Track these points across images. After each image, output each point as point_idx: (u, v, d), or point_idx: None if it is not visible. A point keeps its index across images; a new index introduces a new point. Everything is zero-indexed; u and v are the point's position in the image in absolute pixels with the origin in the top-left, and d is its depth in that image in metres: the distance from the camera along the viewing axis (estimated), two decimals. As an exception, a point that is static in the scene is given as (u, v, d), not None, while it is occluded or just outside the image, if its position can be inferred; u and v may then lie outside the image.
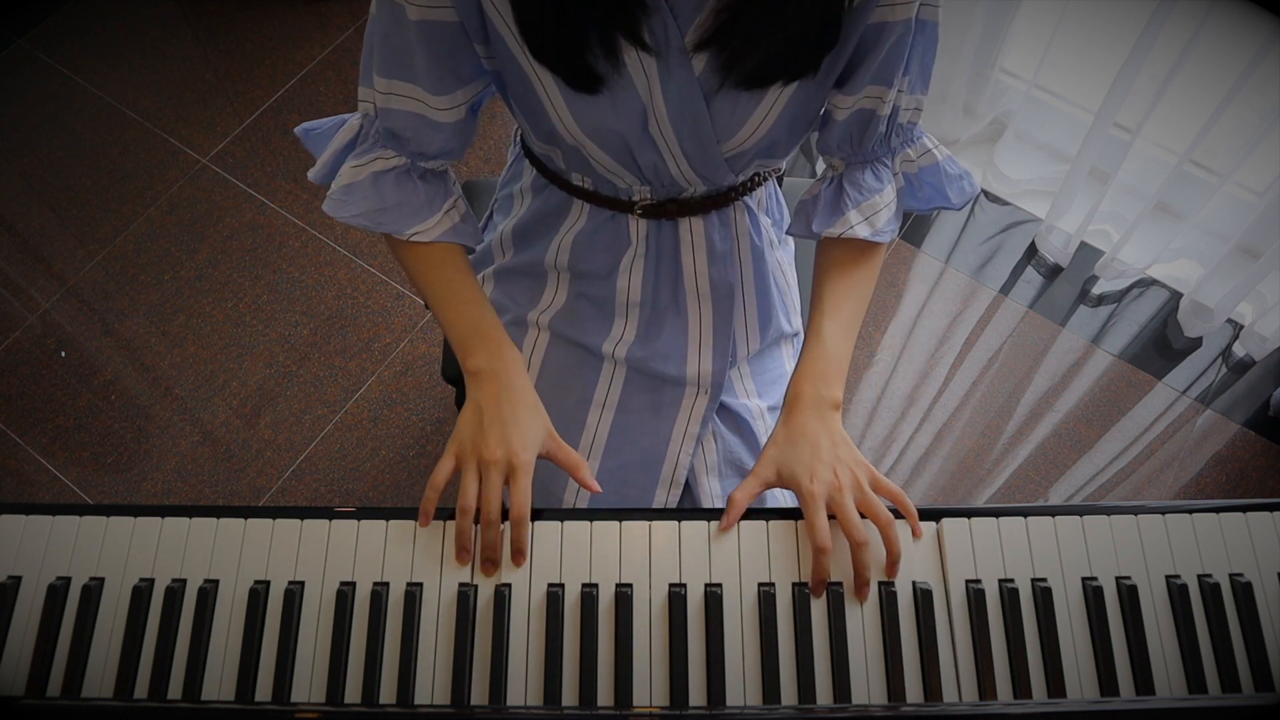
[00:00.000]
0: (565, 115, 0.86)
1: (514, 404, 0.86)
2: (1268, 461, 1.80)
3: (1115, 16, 2.12)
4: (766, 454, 0.88)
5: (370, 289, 1.98)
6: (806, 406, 0.89)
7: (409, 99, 0.87)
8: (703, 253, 1.04)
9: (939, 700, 0.77)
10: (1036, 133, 2.06)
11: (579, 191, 1.02)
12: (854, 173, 0.95)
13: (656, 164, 0.92)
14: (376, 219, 0.92)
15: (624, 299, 1.06)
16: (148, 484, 1.79)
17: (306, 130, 1.01)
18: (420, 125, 0.88)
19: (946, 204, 0.98)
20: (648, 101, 0.84)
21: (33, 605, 0.80)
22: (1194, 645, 0.78)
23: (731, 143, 0.90)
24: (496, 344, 0.91)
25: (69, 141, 2.17)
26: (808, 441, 0.87)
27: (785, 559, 0.82)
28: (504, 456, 0.83)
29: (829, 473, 0.84)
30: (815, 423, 0.88)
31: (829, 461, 0.85)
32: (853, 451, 0.87)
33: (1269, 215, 1.71)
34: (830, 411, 0.89)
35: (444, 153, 0.92)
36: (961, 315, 1.95)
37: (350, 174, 0.92)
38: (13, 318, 1.96)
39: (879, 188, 0.95)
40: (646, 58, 0.80)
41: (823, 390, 0.90)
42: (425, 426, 1.84)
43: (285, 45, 2.29)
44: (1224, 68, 1.74)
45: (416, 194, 0.93)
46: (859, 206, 0.95)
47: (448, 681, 0.78)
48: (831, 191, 0.97)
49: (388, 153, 0.91)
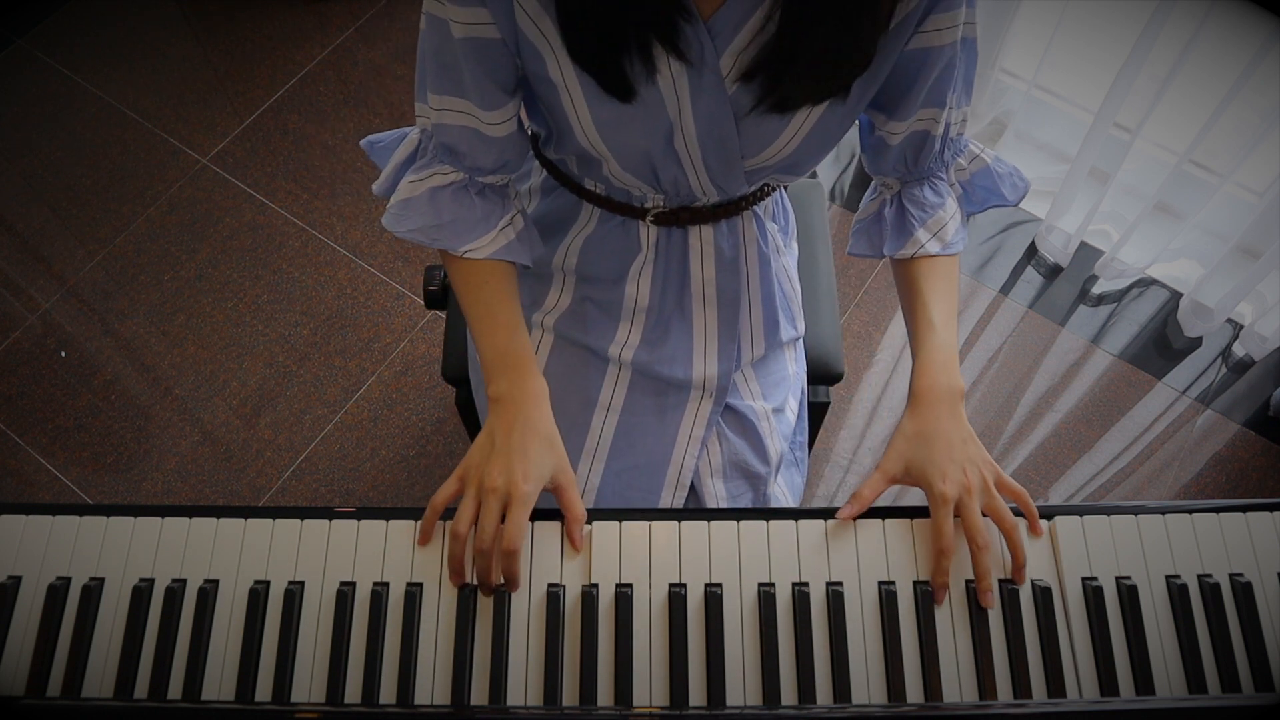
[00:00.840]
0: (589, 128, 0.86)
1: (525, 435, 0.85)
2: (1268, 461, 1.80)
3: (1115, 16, 2.12)
4: (895, 449, 0.87)
5: (370, 289, 1.98)
6: (940, 399, 0.88)
7: (461, 114, 0.87)
8: (711, 260, 1.04)
9: (939, 700, 0.77)
10: (1036, 133, 2.06)
11: (590, 196, 1.03)
12: (912, 190, 0.97)
13: (678, 177, 0.93)
14: (433, 234, 0.92)
15: (631, 304, 1.06)
16: (148, 484, 1.79)
17: (371, 143, 1.01)
18: (474, 140, 0.88)
19: (1002, 201, 0.99)
20: (675, 118, 0.85)
21: (33, 605, 0.80)
22: (1194, 645, 0.78)
23: (755, 160, 0.90)
24: (522, 373, 0.89)
25: (69, 141, 2.17)
26: (940, 439, 0.85)
27: (785, 559, 0.82)
28: (504, 486, 0.81)
29: (960, 473, 0.83)
30: (947, 419, 0.87)
31: (960, 461, 0.84)
32: (980, 450, 0.86)
33: (1269, 215, 1.71)
34: (959, 403, 0.88)
35: (500, 166, 0.92)
36: (961, 315, 1.95)
37: (408, 189, 0.92)
38: (13, 318, 1.96)
39: (940, 202, 0.97)
40: (679, 72, 0.81)
41: (951, 380, 0.89)
42: (425, 426, 1.84)
43: (285, 45, 2.29)
44: (1224, 68, 1.74)
45: (473, 209, 0.92)
46: (925, 225, 0.96)
47: (448, 681, 0.78)
48: (894, 213, 0.98)
49: (445, 168, 0.91)
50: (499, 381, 0.89)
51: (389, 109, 2.19)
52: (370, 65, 2.24)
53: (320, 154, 2.14)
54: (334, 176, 2.11)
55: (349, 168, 2.11)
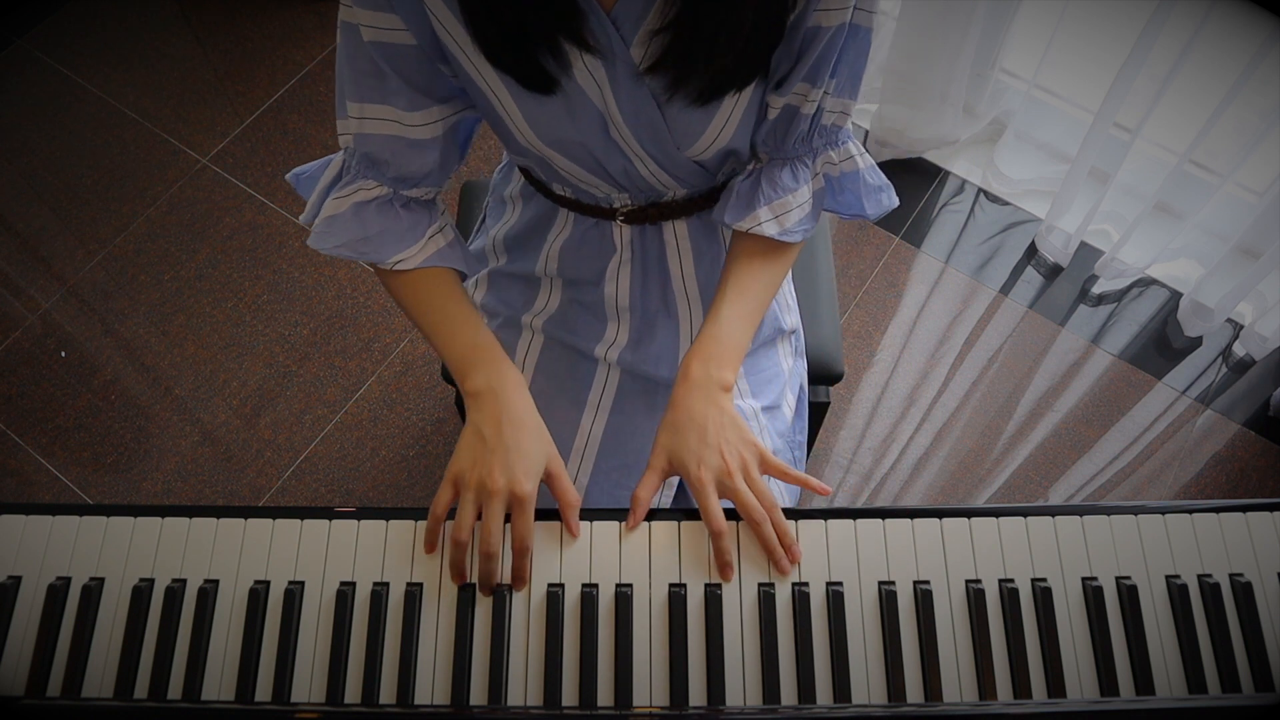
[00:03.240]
0: (524, 127, 0.86)
1: (516, 428, 0.84)
2: (1268, 461, 1.80)
3: (1115, 16, 2.12)
4: (658, 442, 0.88)
5: (370, 289, 1.98)
6: (695, 387, 0.88)
7: (383, 120, 0.86)
8: (689, 255, 1.04)
9: (939, 700, 0.77)
10: (1036, 133, 2.06)
11: (562, 200, 1.03)
12: (773, 170, 0.95)
13: (627, 168, 0.92)
14: (359, 248, 0.91)
15: (613, 304, 1.06)
16: (148, 484, 1.79)
17: (296, 176, 1.01)
18: (398, 146, 0.88)
19: (860, 213, 0.97)
20: (603, 107, 0.85)
21: (33, 605, 0.80)
22: (1194, 645, 0.78)
23: (693, 150, 0.90)
24: (495, 363, 0.89)
25: (69, 141, 2.17)
26: (694, 426, 0.86)
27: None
28: (505, 487, 0.81)
29: (716, 457, 0.84)
30: (702, 404, 0.87)
31: (715, 445, 0.84)
32: (741, 432, 0.86)
33: (1269, 215, 1.71)
34: (720, 393, 0.88)
35: (426, 177, 0.91)
36: (961, 315, 1.95)
37: (333, 206, 0.92)
38: (13, 318, 1.96)
39: (794, 187, 0.94)
40: (594, 63, 0.81)
41: (713, 371, 0.88)
42: (425, 426, 1.84)
43: (285, 45, 2.29)
44: (1224, 68, 1.74)
45: (399, 221, 0.92)
46: (770, 204, 0.94)
47: (448, 681, 0.78)
48: (748, 185, 0.96)
49: (369, 183, 0.91)
50: (475, 376, 0.88)
51: (389, 109, 2.19)
52: (370, 65, 2.24)
53: (320, 154, 2.11)
54: (334, 176, 2.11)
55: (349, 168, 2.12)
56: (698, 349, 0.90)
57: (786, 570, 0.81)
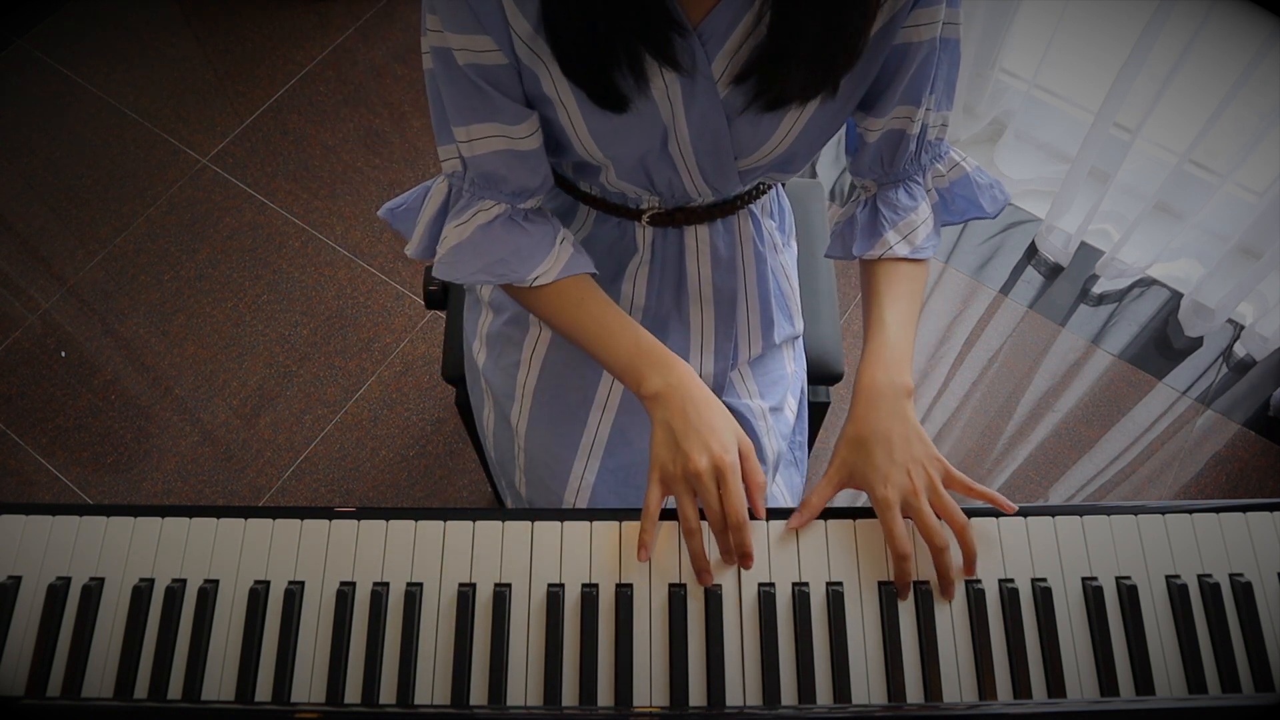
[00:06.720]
0: (587, 140, 0.86)
1: (701, 410, 0.84)
2: (1268, 461, 1.80)
3: (1115, 16, 2.12)
4: (838, 454, 0.87)
5: (370, 289, 1.98)
6: (879, 398, 0.87)
7: (493, 137, 0.86)
8: (707, 260, 1.04)
9: (939, 700, 0.77)
10: (1036, 133, 2.06)
11: (586, 198, 1.02)
12: (887, 193, 0.96)
13: (671, 179, 0.92)
14: (496, 270, 0.90)
15: (628, 305, 1.06)
16: (148, 484, 1.79)
17: (391, 210, 0.99)
18: (512, 160, 0.87)
19: (981, 213, 0.98)
20: (669, 123, 0.85)
21: (33, 605, 0.80)
22: (1194, 645, 0.78)
23: (749, 160, 0.90)
24: (665, 362, 0.88)
25: (69, 141, 2.17)
26: (879, 441, 0.84)
27: (785, 559, 0.82)
28: (709, 463, 0.81)
29: (903, 475, 0.82)
30: (888, 418, 0.85)
31: (902, 462, 0.83)
32: (926, 446, 0.85)
33: (1269, 215, 1.71)
34: (905, 400, 0.87)
35: (541, 184, 0.91)
36: (961, 315, 1.95)
37: (455, 234, 0.91)
38: (13, 318, 1.96)
39: (913, 205, 0.96)
40: (672, 80, 0.81)
41: (895, 378, 0.87)
42: (425, 426, 1.84)
43: (285, 45, 2.29)
44: (1224, 68, 1.74)
45: (526, 236, 0.91)
46: (895, 226, 0.95)
47: (448, 681, 0.78)
48: (867, 214, 0.97)
49: (486, 203, 0.90)
50: (651, 379, 0.87)
51: (389, 109, 2.19)
52: (370, 65, 2.24)
53: (320, 154, 2.14)
54: (334, 176, 2.11)
55: (349, 168, 2.11)
56: (872, 359, 0.89)
57: (949, 597, 0.80)
